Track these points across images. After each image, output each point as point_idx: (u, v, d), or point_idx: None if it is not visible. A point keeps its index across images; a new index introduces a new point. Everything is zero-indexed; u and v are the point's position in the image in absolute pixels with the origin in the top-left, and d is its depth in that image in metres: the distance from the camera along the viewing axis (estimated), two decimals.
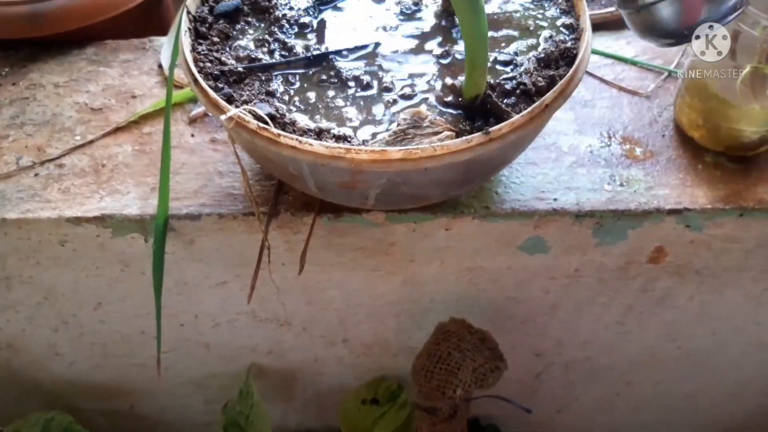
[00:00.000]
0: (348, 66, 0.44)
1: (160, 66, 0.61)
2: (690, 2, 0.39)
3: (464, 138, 0.36)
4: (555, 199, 0.50)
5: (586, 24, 0.43)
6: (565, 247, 0.54)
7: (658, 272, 0.57)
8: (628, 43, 0.62)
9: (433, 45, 0.46)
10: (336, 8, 0.48)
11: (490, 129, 0.36)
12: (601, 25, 0.64)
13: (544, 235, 0.52)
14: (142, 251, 0.54)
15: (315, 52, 0.44)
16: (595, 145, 0.54)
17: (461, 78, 0.42)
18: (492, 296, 0.60)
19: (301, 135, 0.39)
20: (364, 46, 0.45)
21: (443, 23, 0.47)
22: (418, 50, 0.46)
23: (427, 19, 0.48)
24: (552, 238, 0.53)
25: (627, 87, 0.58)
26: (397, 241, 0.53)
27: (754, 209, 0.50)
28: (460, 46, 0.45)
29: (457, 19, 0.46)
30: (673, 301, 0.61)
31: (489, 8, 0.48)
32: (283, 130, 0.39)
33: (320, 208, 0.50)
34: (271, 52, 0.44)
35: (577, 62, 0.40)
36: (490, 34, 0.45)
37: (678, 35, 0.41)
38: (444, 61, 0.45)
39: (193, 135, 0.55)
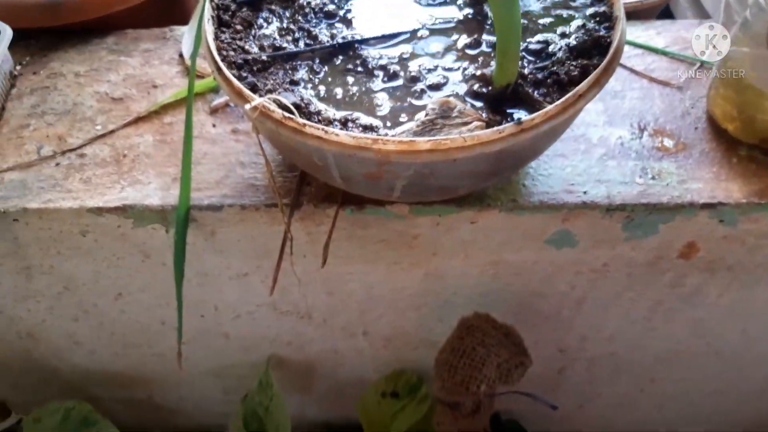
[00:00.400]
0: (374, 54, 0.43)
1: (180, 56, 0.60)
2: None
3: (495, 128, 0.35)
4: (585, 192, 0.49)
5: (620, 12, 0.42)
6: (593, 241, 0.53)
7: (689, 268, 0.56)
8: (659, 33, 0.61)
9: (462, 33, 0.45)
10: None
11: (523, 119, 0.35)
12: (631, 14, 0.63)
13: (573, 228, 0.51)
14: (163, 242, 0.53)
15: (341, 41, 0.43)
16: (626, 137, 0.53)
17: (491, 67, 0.41)
18: (516, 290, 0.59)
19: (327, 125, 0.38)
20: (391, 35, 0.44)
21: (473, 11, 0.46)
22: (447, 39, 0.44)
23: (456, 6, 0.46)
24: (580, 231, 0.52)
25: (658, 78, 0.57)
26: (421, 234, 0.52)
27: None
28: (490, 36, 0.44)
29: (487, 7, 0.45)
30: (703, 298, 0.60)
31: None
32: (309, 119, 0.38)
33: (343, 200, 0.49)
34: (295, 41, 0.43)
35: (611, 51, 0.39)
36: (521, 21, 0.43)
37: None
38: (474, 51, 0.43)
39: (214, 125, 0.55)
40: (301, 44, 0.43)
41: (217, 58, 0.39)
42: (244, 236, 0.53)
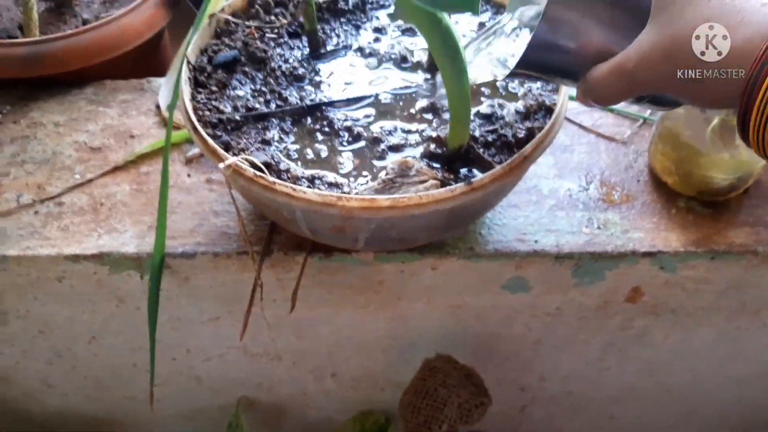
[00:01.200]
0: (340, 116, 0.47)
1: (157, 106, 0.63)
2: None
3: (448, 188, 0.39)
4: (536, 241, 0.53)
5: None
6: (546, 287, 0.56)
7: (636, 311, 0.60)
8: None
9: (420, 98, 0.49)
10: (328, 61, 0.50)
11: (473, 180, 0.39)
12: None
13: (526, 275, 0.55)
14: (138, 287, 0.55)
15: (309, 103, 0.47)
16: (574, 189, 0.57)
17: (446, 129, 0.45)
18: (477, 332, 0.62)
19: (295, 182, 0.41)
20: (356, 99, 0.48)
21: (429, 76, 0.50)
22: (405, 102, 0.48)
23: (415, 72, 0.50)
24: (533, 277, 0.55)
25: (604, 133, 0.61)
26: (386, 280, 0.55)
27: (724, 252, 0.53)
28: (445, 99, 0.48)
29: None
30: (650, 339, 0.64)
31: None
32: (278, 177, 0.41)
33: (311, 248, 0.52)
34: (267, 102, 0.47)
35: (554, 116, 0.43)
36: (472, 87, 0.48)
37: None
38: (429, 114, 0.47)
39: (189, 175, 0.57)
40: (273, 105, 0.47)
41: (194, 119, 0.43)
42: (217, 282, 0.55)
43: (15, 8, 0.72)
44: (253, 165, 0.40)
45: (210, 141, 0.41)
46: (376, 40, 0.52)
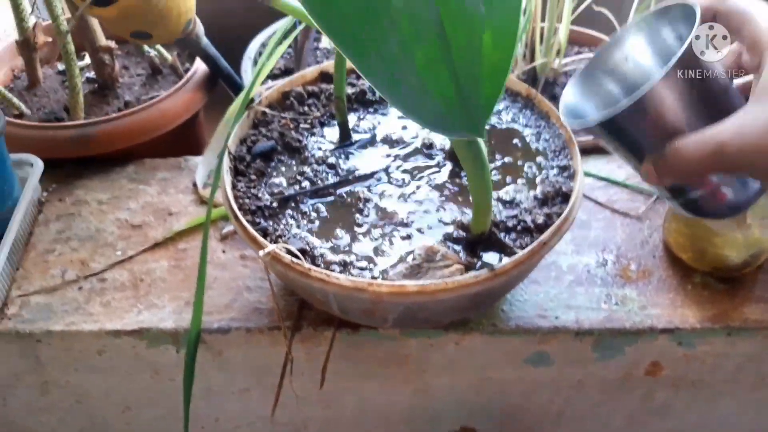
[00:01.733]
0: (369, 199, 0.50)
1: (194, 185, 0.67)
2: (715, 195, 0.40)
3: (472, 273, 0.41)
4: (556, 317, 0.55)
5: (578, 166, 0.49)
6: (567, 361, 0.58)
7: (656, 384, 0.61)
8: (619, 167, 0.69)
9: (444, 183, 0.52)
10: (357, 149, 0.54)
11: (495, 267, 0.41)
12: (594, 149, 0.71)
13: (548, 349, 0.56)
14: (173, 360, 0.58)
15: (342, 189, 0.50)
16: (592, 264, 0.59)
17: (469, 215, 0.47)
18: (500, 405, 0.64)
19: (328, 267, 0.44)
20: (374, 174, 0.51)
21: (453, 164, 0.53)
22: (431, 188, 0.51)
23: (439, 160, 0.54)
24: (555, 352, 0.57)
25: (620, 209, 0.64)
26: (411, 354, 0.57)
27: (740, 328, 0.54)
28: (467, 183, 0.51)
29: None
30: (672, 411, 0.64)
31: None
32: (313, 262, 0.44)
33: (339, 324, 0.54)
34: (302, 188, 0.50)
35: (571, 203, 0.46)
36: (493, 175, 0.51)
37: (711, 215, 0.43)
38: (454, 199, 0.50)
39: (224, 251, 0.60)
40: (307, 190, 0.50)
41: (235, 207, 0.46)
42: (248, 355, 0.57)
43: (61, 90, 0.78)
44: (290, 252, 0.43)
45: (250, 229, 0.44)
46: (403, 128, 0.56)
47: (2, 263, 0.55)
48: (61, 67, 0.81)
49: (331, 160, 0.52)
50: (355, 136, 0.55)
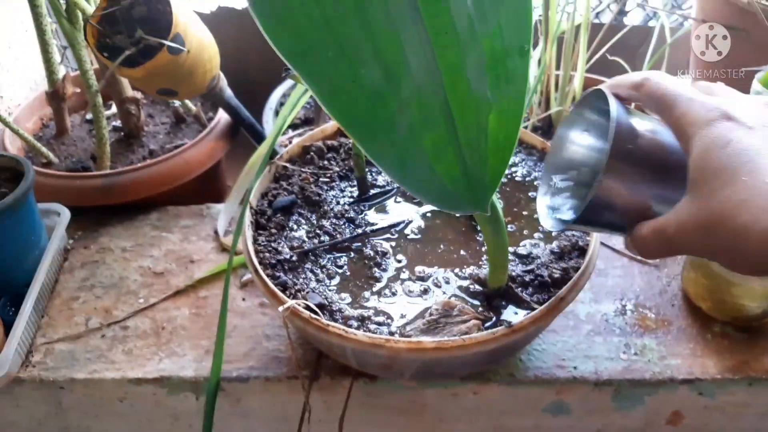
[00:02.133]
0: (389, 256, 0.51)
1: (215, 232, 0.68)
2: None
3: (490, 331, 0.42)
4: (575, 368, 0.55)
5: None
6: (586, 410, 0.58)
7: None
8: None
9: (461, 237, 0.52)
10: (376, 202, 0.55)
11: (513, 323, 0.42)
12: None
13: (566, 399, 0.56)
14: (193, 407, 0.58)
15: (360, 242, 0.51)
16: (610, 313, 0.59)
17: (485, 268, 0.48)
18: None
19: (346, 322, 0.45)
20: (395, 225, 0.52)
21: (470, 218, 0.54)
22: (449, 242, 0.52)
23: (456, 214, 0.54)
24: (574, 401, 0.57)
25: (637, 256, 0.64)
26: (428, 403, 0.57)
27: (762, 379, 0.54)
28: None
29: None
30: None
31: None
32: (331, 317, 0.45)
33: (357, 374, 0.55)
34: (321, 242, 0.51)
35: (588, 257, 0.46)
36: (509, 229, 0.52)
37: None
38: (471, 253, 0.51)
39: (244, 299, 0.61)
40: (326, 244, 0.51)
41: (255, 261, 0.47)
42: (266, 403, 0.58)
43: (88, 138, 0.80)
44: (308, 306, 0.44)
45: (270, 284, 0.45)
46: None
47: (29, 312, 0.56)
48: (89, 116, 0.84)
49: (350, 214, 0.53)
50: (373, 191, 0.56)
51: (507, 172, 0.59)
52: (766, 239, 0.30)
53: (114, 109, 0.81)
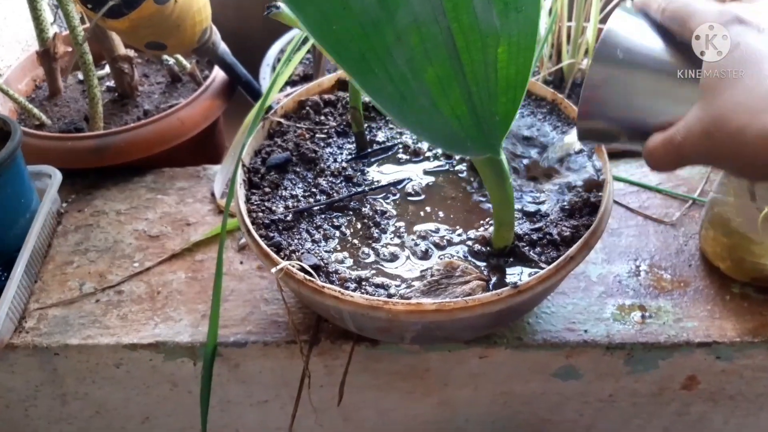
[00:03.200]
0: (389, 215, 0.48)
1: (212, 194, 0.66)
2: None
3: (494, 292, 0.39)
4: (585, 331, 0.52)
5: (608, 174, 0.46)
6: (597, 374, 0.55)
7: (692, 398, 0.58)
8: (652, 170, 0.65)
9: (465, 195, 0.50)
10: (375, 159, 0.52)
11: (519, 283, 0.39)
12: (625, 153, 0.68)
13: (576, 363, 0.54)
14: (190, 373, 0.57)
15: (358, 201, 0.48)
16: (623, 274, 0.56)
17: (490, 229, 0.45)
18: (526, 418, 0.61)
19: (343, 284, 0.42)
20: (396, 183, 0.49)
21: (474, 175, 0.51)
22: (451, 200, 0.49)
23: (459, 171, 0.52)
24: (584, 366, 0.54)
25: (652, 215, 0.61)
26: (432, 367, 0.55)
27: None
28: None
29: None
30: (709, 424, 0.61)
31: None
32: (327, 278, 0.42)
33: (358, 337, 0.52)
34: (317, 201, 0.48)
35: (599, 214, 0.43)
36: (516, 186, 0.49)
37: None
38: (475, 212, 0.48)
39: (242, 262, 0.59)
40: (322, 203, 0.49)
41: (248, 221, 0.45)
42: (266, 368, 0.56)
43: (82, 99, 0.78)
44: (302, 268, 0.42)
45: (263, 245, 0.42)
46: None
47: (19, 276, 0.54)
48: (82, 76, 0.81)
49: (348, 171, 0.51)
50: (372, 147, 0.53)
51: (513, 127, 0.55)
52: (761, 140, 0.30)
53: (108, 69, 0.78)
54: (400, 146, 0.54)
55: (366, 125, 0.53)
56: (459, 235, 0.46)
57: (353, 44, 0.27)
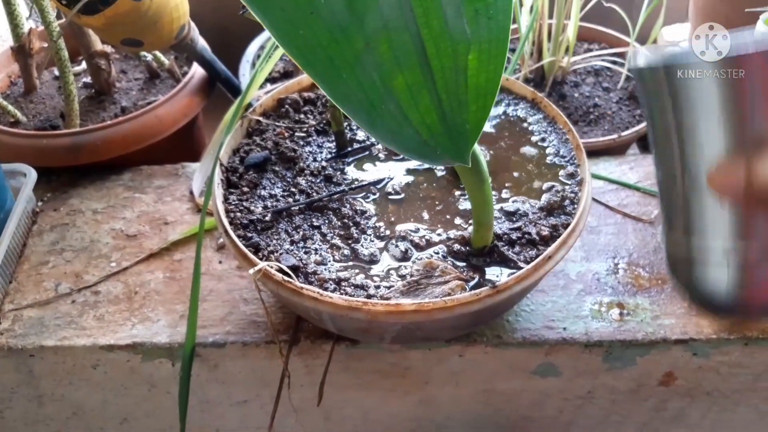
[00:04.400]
0: (369, 215, 0.48)
1: (191, 192, 0.65)
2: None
3: (473, 292, 0.39)
4: (564, 329, 0.52)
5: (586, 174, 0.46)
6: (576, 372, 0.56)
7: (670, 394, 0.58)
8: (631, 168, 0.66)
9: (444, 194, 0.49)
10: (354, 158, 0.52)
11: (497, 283, 0.39)
12: (604, 151, 0.68)
13: (555, 361, 0.54)
14: (169, 373, 0.56)
15: (337, 201, 0.48)
16: (602, 272, 0.57)
17: (469, 229, 0.45)
18: (507, 415, 0.62)
19: (322, 284, 0.42)
20: (376, 182, 0.49)
21: (454, 175, 0.51)
22: (431, 200, 0.49)
23: (439, 170, 0.51)
24: (563, 363, 0.55)
25: (631, 213, 0.61)
26: (412, 366, 0.55)
27: (758, 338, 0.52)
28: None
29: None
30: (686, 419, 0.62)
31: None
32: (306, 279, 0.42)
33: (338, 337, 0.52)
34: (296, 201, 0.48)
35: (578, 213, 0.43)
36: (494, 186, 0.48)
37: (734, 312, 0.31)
38: (455, 211, 0.48)
39: (221, 262, 0.59)
40: (301, 202, 0.48)
41: (225, 222, 0.44)
42: (245, 368, 0.56)
43: (58, 96, 0.76)
44: (281, 269, 0.41)
45: (240, 245, 0.42)
46: None
47: None
48: (58, 72, 0.80)
49: (327, 171, 0.50)
50: (352, 146, 0.53)
51: (494, 123, 0.56)
52: None
53: (84, 65, 0.77)
54: (381, 145, 0.54)
55: (346, 124, 0.53)
56: (439, 234, 0.46)
57: (321, 50, 0.27)
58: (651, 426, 0.63)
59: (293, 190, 0.49)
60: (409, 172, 0.52)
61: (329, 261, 0.45)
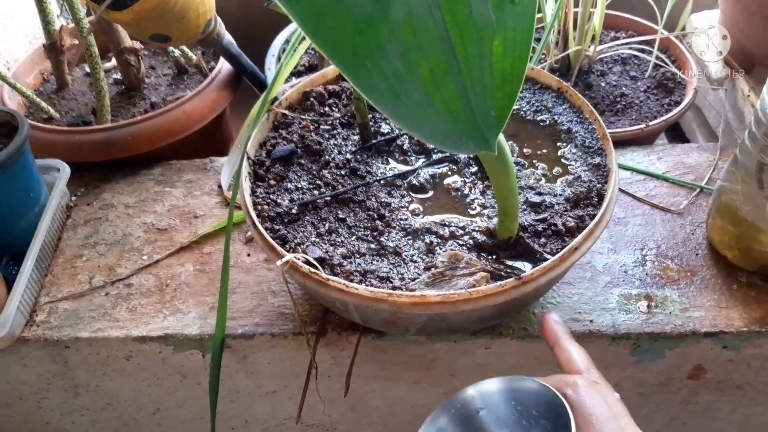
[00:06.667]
0: (394, 207, 0.48)
1: (219, 186, 0.66)
2: None
3: (498, 283, 0.39)
4: (591, 321, 0.52)
5: (613, 164, 0.46)
6: (603, 364, 0.55)
7: (699, 387, 0.58)
8: (660, 158, 0.65)
9: (469, 187, 0.49)
10: (380, 152, 0.52)
11: (522, 274, 0.39)
12: (632, 141, 0.67)
13: None
14: (200, 364, 0.57)
15: (363, 193, 0.49)
16: (630, 264, 0.56)
17: (495, 221, 0.45)
18: None
19: (348, 276, 0.43)
20: (401, 174, 0.49)
21: (479, 166, 0.51)
22: (456, 192, 0.49)
23: (464, 162, 0.51)
24: (590, 356, 0.54)
25: (659, 204, 0.60)
26: (438, 358, 0.55)
27: None
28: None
29: None
30: (717, 413, 0.61)
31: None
32: (332, 271, 0.43)
33: (364, 329, 0.53)
34: (321, 194, 0.49)
35: (604, 204, 0.43)
36: (520, 176, 0.48)
37: None
38: (480, 203, 0.48)
39: (249, 254, 0.60)
40: (327, 194, 0.49)
41: (253, 214, 0.45)
42: (274, 359, 0.57)
43: (89, 92, 0.78)
44: (308, 261, 0.42)
45: (268, 238, 0.43)
46: None
47: (29, 270, 0.55)
48: (89, 69, 0.81)
49: (352, 163, 0.51)
50: (376, 139, 0.53)
51: (520, 114, 0.55)
52: None
53: (114, 61, 0.78)
54: (405, 137, 0.54)
55: (370, 116, 0.53)
56: (463, 226, 0.46)
57: (346, 40, 0.27)
58: (680, 420, 0.63)
59: (319, 182, 0.49)
60: (433, 164, 0.52)
61: (355, 253, 0.45)
